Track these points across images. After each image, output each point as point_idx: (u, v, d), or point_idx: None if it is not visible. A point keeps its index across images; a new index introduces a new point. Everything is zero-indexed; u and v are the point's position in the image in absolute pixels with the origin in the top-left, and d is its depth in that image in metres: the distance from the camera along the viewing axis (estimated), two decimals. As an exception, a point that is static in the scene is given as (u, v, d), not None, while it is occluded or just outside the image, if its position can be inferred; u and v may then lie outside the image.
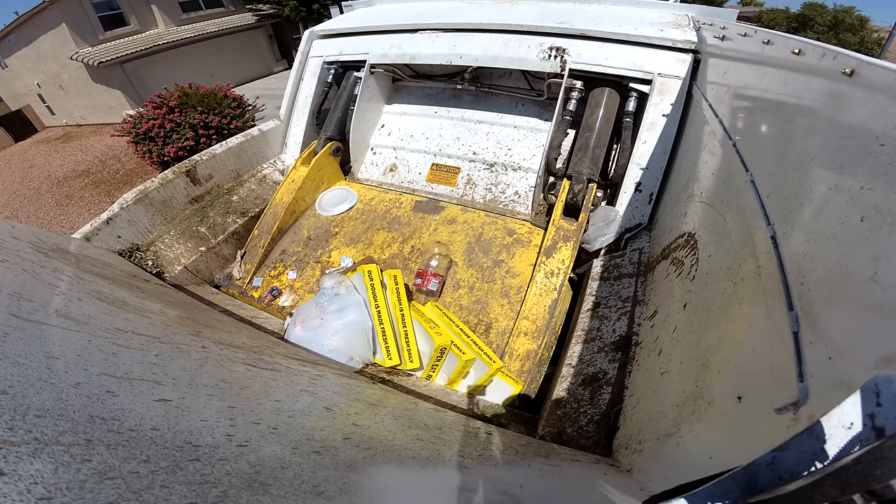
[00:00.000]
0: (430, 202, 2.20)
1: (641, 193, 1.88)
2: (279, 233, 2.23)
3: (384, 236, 2.09)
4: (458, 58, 2.22)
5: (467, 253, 1.95)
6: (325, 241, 2.17)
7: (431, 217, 2.14)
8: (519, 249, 1.91)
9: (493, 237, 1.99)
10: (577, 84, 2.04)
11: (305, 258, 2.13)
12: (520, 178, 2.23)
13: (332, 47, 2.66)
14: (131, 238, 1.94)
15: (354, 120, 2.45)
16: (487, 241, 1.97)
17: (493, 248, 1.94)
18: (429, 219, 2.13)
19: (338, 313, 1.56)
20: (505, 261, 1.89)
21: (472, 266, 1.90)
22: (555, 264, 1.72)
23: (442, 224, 2.09)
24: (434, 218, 2.13)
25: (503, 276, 1.84)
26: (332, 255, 2.09)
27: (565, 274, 1.70)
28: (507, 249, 1.92)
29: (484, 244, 1.97)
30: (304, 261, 2.12)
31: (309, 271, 2.06)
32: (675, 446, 0.83)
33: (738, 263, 0.89)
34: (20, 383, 0.49)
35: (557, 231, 1.78)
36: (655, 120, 1.87)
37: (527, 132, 2.32)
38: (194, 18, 15.68)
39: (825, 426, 0.38)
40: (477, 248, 1.96)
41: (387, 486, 0.67)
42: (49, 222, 8.17)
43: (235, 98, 7.76)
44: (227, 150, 2.40)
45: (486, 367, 1.48)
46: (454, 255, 1.94)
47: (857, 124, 0.62)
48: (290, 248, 2.20)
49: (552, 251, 1.75)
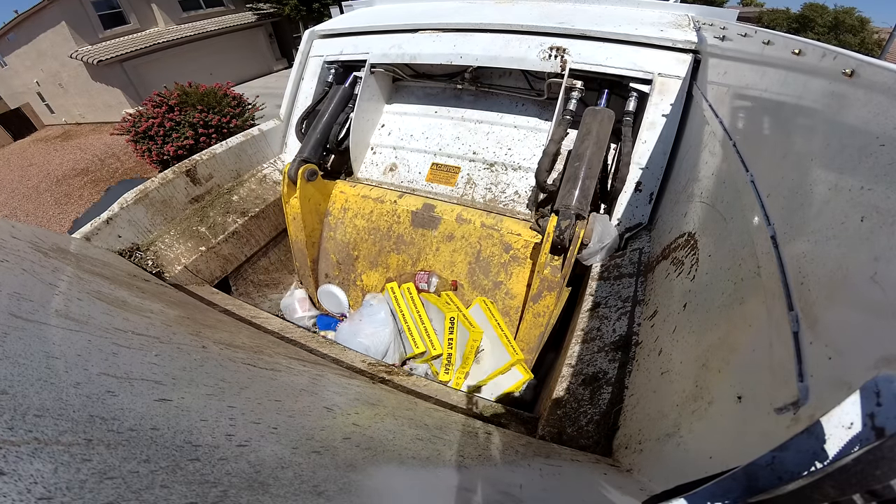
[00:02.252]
0: (426, 215, 2.22)
1: (641, 193, 1.88)
2: (314, 262, 2.56)
3: (396, 259, 2.33)
4: (459, 57, 2.22)
5: (470, 275, 2.13)
6: (351, 264, 2.48)
7: (431, 233, 2.22)
8: (516, 269, 2.01)
9: (491, 255, 2.06)
10: (577, 84, 2.03)
11: (345, 281, 2.52)
12: (520, 177, 2.23)
13: (333, 47, 2.65)
14: (131, 238, 1.93)
15: (355, 120, 2.44)
16: (486, 261, 2.08)
17: (492, 269, 2.07)
18: (429, 235, 2.22)
19: (370, 318, 2.04)
20: (504, 282, 2.04)
21: (476, 288, 2.11)
22: (541, 308, 1.87)
23: (442, 242, 2.19)
24: (433, 234, 2.21)
25: (503, 298, 2.04)
26: (363, 279, 2.47)
27: (552, 314, 1.83)
28: (504, 269, 2.04)
29: (483, 264, 2.09)
30: (345, 284, 2.51)
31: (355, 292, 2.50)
32: (675, 446, 0.83)
33: (738, 263, 0.89)
34: (20, 383, 0.49)
35: (542, 282, 1.83)
36: (655, 120, 1.87)
37: (527, 132, 2.31)
38: (194, 17, 15.67)
39: (825, 426, 0.38)
40: (478, 269, 2.11)
41: (387, 486, 0.67)
42: (48, 221, 8.17)
43: (235, 97, 7.76)
44: (227, 149, 2.40)
45: (508, 357, 1.78)
46: (458, 277, 2.17)
47: (857, 124, 0.62)
48: (331, 272, 2.56)
49: (538, 298, 1.86)
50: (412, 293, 2.12)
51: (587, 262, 1.82)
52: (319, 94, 2.64)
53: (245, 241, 2.36)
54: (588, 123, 1.86)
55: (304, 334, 1.73)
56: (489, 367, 1.85)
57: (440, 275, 2.19)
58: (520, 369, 1.79)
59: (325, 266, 2.56)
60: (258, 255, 2.51)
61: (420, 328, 2.01)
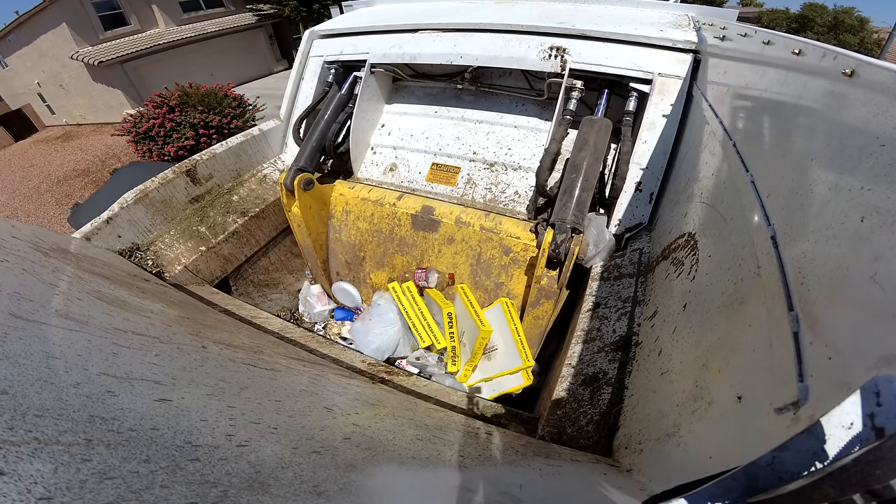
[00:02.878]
0: (426, 218, 2.23)
1: (642, 193, 1.88)
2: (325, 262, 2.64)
3: (401, 260, 2.38)
4: (459, 57, 2.22)
5: (472, 276, 2.17)
6: (359, 264, 2.54)
7: (432, 236, 2.24)
8: (516, 270, 2.04)
9: (492, 258, 2.08)
10: (577, 84, 2.03)
11: (355, 279, 2.59)
12: (520, 177, 2.22)
13: (333, 47, 2.65)
14: (131, 238, 1.94)
15: (355, 120, 2.44)
16: (487, 263, 2.10)
17: (493, 270, 2.10)
18: (430, 238, 2.25)
19: (379, 317, 2.13)
20: (505, 283, 2.07)
21: (479, 289, 2.16)
22: (539, 312, 1.92)
23: (443, 244, 2.22)
24: (434, 237, 2.23)
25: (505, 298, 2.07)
26: (371, 277, 2.54)
27: (550, 318, 1.90)
28: (505, 271, 2.07)
29: (484, 266, 2.12)
30: (356, 281, 2.59)
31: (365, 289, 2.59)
32: (675, 446, 0.83)
33: (738, 263, 0.89)
34: (20, 383, 0.49)
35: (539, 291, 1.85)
36: (655, 120, 1.86)
37: (527, 132, 2.31)
38: (195, 18, 15.68)
39: (825, 426, 0.38)
40: (479, 271, 2.14)
41: (387, 486, 0.67)
42: (49, 221, 8.17)
43: (236, 98, 7.76)
44: (227, 149, 2.40)
45: (520, 362, 1.84)
46: (462, 279, 2.22)
47: (857, 124, 0.62)
48: (342, 271, 2.63)
49: (536, 305, 1.90)
50: (412, 291, 2.19)
51: (587, 266, 1.83)
52: (319, 95, 2.64)
53: (245, 241, 2.37)
54: (585, 133, 1.85)
55: (304, 334, 1.74)
56: (499, 366, 1.92)
57: (439, 270, 2.24)
58: (523, 375, 1.86)
59: (335, 265, 2.63)
60: (258, 255, 2.51)
61: (423, 324, 2.12)
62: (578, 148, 1.82)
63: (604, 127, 1.86)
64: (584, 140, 1.83)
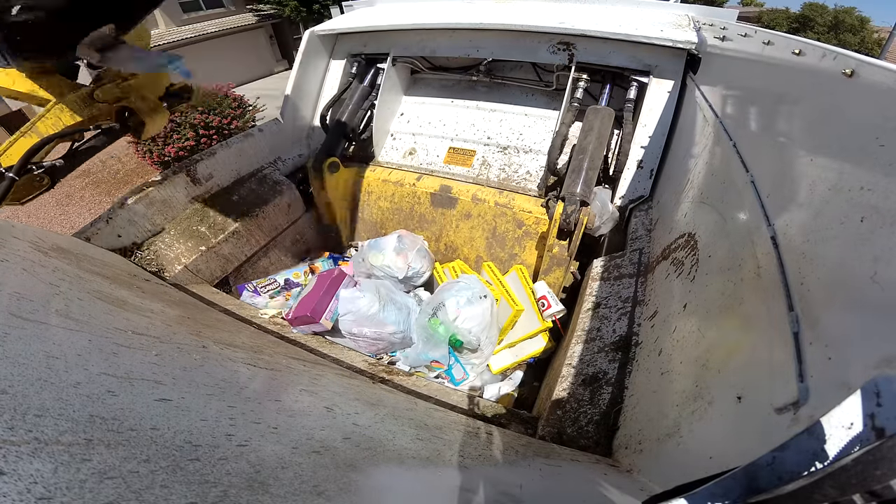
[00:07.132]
0: (444, 196, 2.44)
1: (643, 169, 2.09)
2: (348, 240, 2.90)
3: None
4: (476, 51, 2.45)
5: (488, 248, 2.42)
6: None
7: (450, 212, 2.47)
8: (528, 242, 2.27)
9: (506, 231, 2.31)
10: (583, 76, 2.22)
11: None
12: (531, 159, 2.42)
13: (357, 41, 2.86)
14: (131, 237, 1.94)
15: (378, 108, 2.65)
16: (502, 236, 2.34)
17: (507, 242, 2.34)
18: (448, 214, 2.48)
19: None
20: (518, 254, 2.31)
21: (494, 260, 2.38)
22: (551, 279, 2.14)
23: (461, 219, 2.45)
24: (452, 213, 2.46)
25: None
26: None
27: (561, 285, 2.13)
28: (518, 243, 2.31)
29: (499, 238, 2.35)
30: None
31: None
32: (675, 446, 0.83)
33: (738, 263, 0.89)
34: (20, 383, 0.49)
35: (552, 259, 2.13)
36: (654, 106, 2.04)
37: (537, 119, 2.51)
38: (195, 19, 15.67)
39: (825, 426, 0.38)
40: (494, 243, 2.39)
41: (387, 485, 0.67)
42: (50, 221, 8.18)
43: (236, 98, 7.75)
44: (227, 149, 2.40)
45: (538, 324, 1.97)
46: (478, 251, 2.44)
47: (857, 125, 0.62)
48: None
49: (548, 272, 2.15)
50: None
51: (595, 234, 2.03)
52: (344, 85, 2.85)
53: (245, 241, 2.36)
54: (591, 120, 2.08)
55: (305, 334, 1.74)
56: (521, 331, 2.02)
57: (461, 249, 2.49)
58: (544, 337, 1.98)
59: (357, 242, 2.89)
60: (258, 255, 2.51)
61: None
62: (585, 133, 2.07)
63: (607, 115, 2.09)
64: (590, 126, 2.07)
